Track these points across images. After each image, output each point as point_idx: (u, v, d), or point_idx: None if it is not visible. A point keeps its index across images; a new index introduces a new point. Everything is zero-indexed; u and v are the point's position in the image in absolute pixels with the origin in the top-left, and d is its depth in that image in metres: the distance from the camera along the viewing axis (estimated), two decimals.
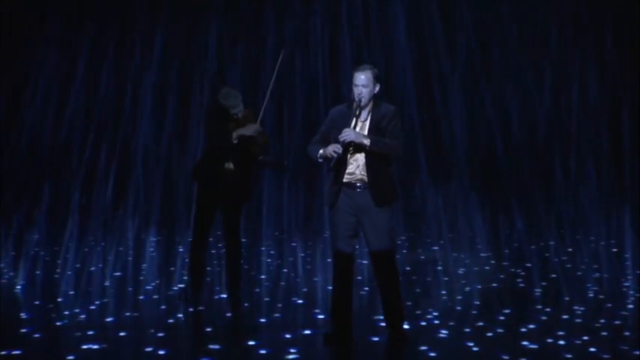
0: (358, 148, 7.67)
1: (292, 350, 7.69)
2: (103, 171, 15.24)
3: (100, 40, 15.43)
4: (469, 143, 15.90)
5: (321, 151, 7.70)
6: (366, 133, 7.71)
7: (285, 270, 11.56)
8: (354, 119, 7.66)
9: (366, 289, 10.18)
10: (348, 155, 7.71)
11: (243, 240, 13.85)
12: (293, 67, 15.44)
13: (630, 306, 9.48)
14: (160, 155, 15.25)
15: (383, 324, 8.56)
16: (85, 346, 7.78)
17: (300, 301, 9.69)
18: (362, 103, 7.69)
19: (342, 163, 7.69)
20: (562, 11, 15.93)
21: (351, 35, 15.55)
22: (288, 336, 8.18)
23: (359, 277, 10.47)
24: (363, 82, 7.64)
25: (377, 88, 7.76)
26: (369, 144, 7.61)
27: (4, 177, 15.17)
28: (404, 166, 14.93)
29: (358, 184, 7.73)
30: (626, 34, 15.57)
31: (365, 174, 7.71)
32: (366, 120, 7.78)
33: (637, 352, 7.59)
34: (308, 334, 8.30)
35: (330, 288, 9.25)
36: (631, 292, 10.11)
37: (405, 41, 15.62)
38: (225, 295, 9.81)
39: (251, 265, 11.86)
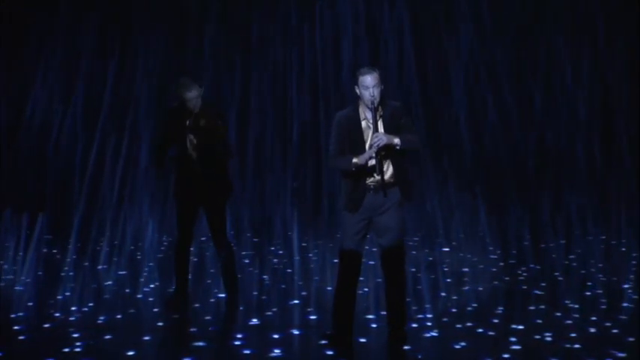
0: (388, 149, 7.64)
1: (276, 350, 7.67)
2: (109, 170, 15.30)
3: (102, 41, 15.52)
4: (471, 143, 15.81)
5: (355, 160, 7.61)
6: (382, 131, 7.68)
7: (290, 270, 11.53)
8: (376, 122, 7.64)
9: (366, 289, 10.12)
10: (382, 159, 7.68)
11: (255, 240, 13.90)
12: (292, 67, 15.46)
13: (625, 304, 9.39)
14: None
15: (374, 325, 8.53)
16: (66, 349, 7.80)
17: (296, 302, 9.66)
18: (377, 104, 7.66)
19: (378, 167, 7.68)
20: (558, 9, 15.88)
21: (351, 34, 15.54)
22: (275, 336, 8.16)
23: (361, 278, 10.40)
24: (373, 83, 7.62)
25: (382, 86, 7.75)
26: (400, 143, 7.58)
27: (8, 177, 15.28)
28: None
29: (372, 186, 7.72)
30: (622, 34, 15.47)
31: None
32: (379, 119, 7.76)
33: (622, 355, 7.50)
34: (295, 335, 8.28)
35: (330, 289, 9.19)
36: (629, 292, 10.01)
37: (406, 39, 15.60)
38: (222, 295, 9.79)
39: (255, 264, 11.84)
